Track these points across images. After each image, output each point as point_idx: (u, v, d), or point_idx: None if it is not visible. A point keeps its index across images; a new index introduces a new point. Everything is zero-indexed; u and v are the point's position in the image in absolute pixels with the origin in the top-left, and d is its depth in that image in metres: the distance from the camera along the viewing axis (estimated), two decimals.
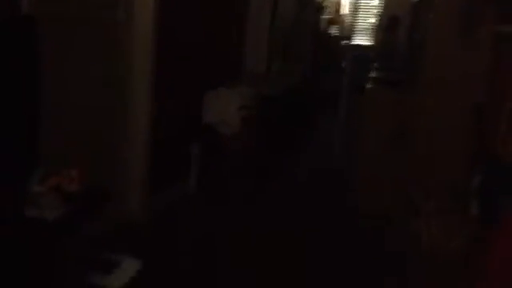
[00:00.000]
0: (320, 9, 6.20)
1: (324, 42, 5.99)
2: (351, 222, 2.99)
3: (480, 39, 2.55)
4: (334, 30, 6.53)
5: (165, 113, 2.74)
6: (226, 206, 3.02)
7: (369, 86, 3.32)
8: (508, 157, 2.36)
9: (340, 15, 7.31)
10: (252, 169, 3.43)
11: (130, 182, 2.60)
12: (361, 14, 6.99)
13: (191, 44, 2.99)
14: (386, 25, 5.56)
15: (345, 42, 5.90)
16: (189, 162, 3.08)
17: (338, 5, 7.52)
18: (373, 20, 7.05)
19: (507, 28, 2.39)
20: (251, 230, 2.75)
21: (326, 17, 6.40)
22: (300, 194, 3.44)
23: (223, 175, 3.23)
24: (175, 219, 2.77)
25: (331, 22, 6.57)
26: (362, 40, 6.47)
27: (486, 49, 2.56)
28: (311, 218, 3.03)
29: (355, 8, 4.08)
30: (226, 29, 3.59)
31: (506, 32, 2.42)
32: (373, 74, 3.61)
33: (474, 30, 2.55)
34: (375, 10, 7.33)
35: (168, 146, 2.88)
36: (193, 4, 2.94)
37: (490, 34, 2.57)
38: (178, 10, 2.77)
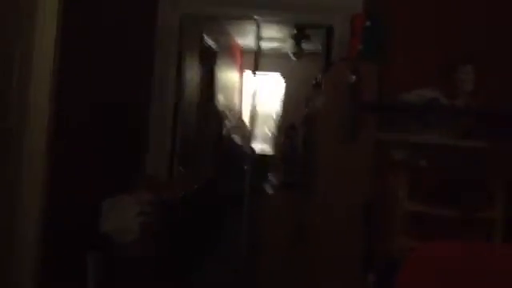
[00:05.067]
0: (222, 116, 6.52)
1: (226, 147, 6.22)
2: None
3: (362, 143, 2.83)
4: (235, 136, 6.84)
5: (58, 222, 2.59)
6: None
7: (268, 188, 3.46)
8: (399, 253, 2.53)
9: (242, 122, 7.73)
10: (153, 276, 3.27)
11: None
12: (260, 122, 7.45)
13: (89, 148, 2.94)
14: (284, 132, 6.00)
15: (246, 147, 6.17)
16: (85, 275, 2.87)
17: (240, 113, 7.98)
18: (272, 128, 7.53)
19: (386, 135, 2.70)
20: None
21: (228, 123, 6.73)
22: None
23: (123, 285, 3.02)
24: None
25: (233, 128, 6.90)
26: (262, 145, 6.84)
27: (368, 152, 2.83)
28: None
29: (254, 116, 4.35)
30: (126, 133, 3.61)
31: (384, 139, 2.73)
32: (272, 177, 3.78)
33: (356, 135, 2.83)
34: (274, 118, 7.90)
35: (61, 258, 2.67)
36: (91, 108, 2.95)
37: (371, 139, 2.86)
38: (75, 112, 2.76)
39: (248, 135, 6.70)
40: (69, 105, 2.64)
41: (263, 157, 5.91)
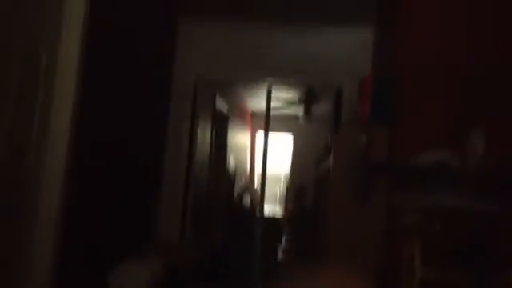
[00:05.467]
0: (233, 179, 6.53)
1: (237, 210, 6.17)
2: None
3: (373, 207, 2.80)
4: (246, 199, 6.81)
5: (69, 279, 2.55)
6: None
7: (280, 255, 3.39)
8: None
9: (252, 184, 7.73)
10: None
11: None
12: (271, 183, 7.43)
13: (103, 212, 2.95)
14: (294, 194, 5.97)
15: (256, 210, 6.12)
16: None
17: (251, 174, 7.99)
18: (282, 189, 7.50)
19: (397, 199, 2.67)
20: None
21: (238, 186, 6.72)
22: None
23: None
24: None
25: (243, 191, 6.89)
26: (272, 207, 6.79)
27: (379, 216, 2.80)
28: None
29: (265, 177, 4.35)
30: (139, 195, 3.62)
31: (396, 203, 2.69)
32: (284, 243, 3.72)
33: (368, 198, 2.81)
34: (283, 180, 7.88)
35: None
36: (106, 163, 2.98)
37: (382, 203, 2.84)
38: (90, 170, 2.79)
39: (258, 197, 6.68)
40: (85, 158, 2.68)
41: (273, 219, 5.84)
